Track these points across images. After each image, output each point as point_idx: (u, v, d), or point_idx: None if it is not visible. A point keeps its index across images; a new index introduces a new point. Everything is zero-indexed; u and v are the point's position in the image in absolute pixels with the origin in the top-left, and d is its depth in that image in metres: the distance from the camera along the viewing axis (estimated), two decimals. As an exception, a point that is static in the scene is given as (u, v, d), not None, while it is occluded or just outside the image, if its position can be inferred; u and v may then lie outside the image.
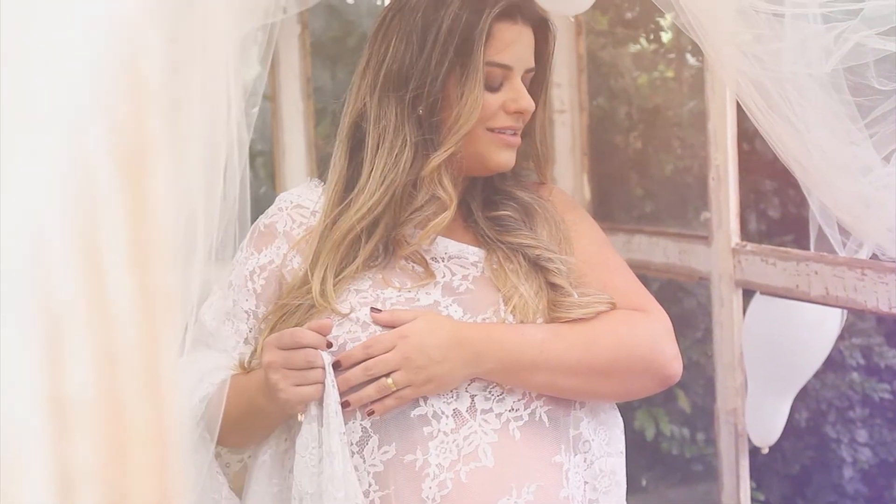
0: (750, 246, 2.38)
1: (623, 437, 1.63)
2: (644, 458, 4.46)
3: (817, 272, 2.11)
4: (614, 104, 4.26)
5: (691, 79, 4.23)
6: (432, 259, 1.57)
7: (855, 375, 4.40)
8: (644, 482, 4.60)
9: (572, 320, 1.53)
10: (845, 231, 1.98)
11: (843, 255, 2.07)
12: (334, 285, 1.52)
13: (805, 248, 2.27)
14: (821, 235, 2.06)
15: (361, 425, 1.49)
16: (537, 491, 1.48)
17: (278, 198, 1.67)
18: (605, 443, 1.59)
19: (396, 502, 1.46)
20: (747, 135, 3.56)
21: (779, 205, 4.40)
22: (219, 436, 1.50)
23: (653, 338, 1.57)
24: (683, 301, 4.39)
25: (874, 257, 1.98)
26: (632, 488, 1.65)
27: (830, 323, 2.57)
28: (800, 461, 4.40)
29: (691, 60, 4.23)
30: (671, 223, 4.12)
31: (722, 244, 2.42)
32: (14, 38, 0.47)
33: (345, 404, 1.46)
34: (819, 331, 2.58)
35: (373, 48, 1.59)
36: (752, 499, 2.65)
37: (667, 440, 4.39)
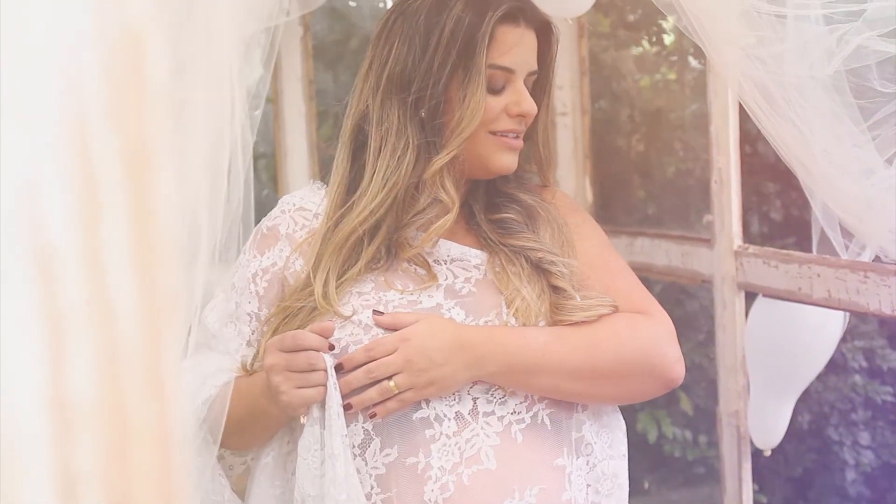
0: (752, 248, 2.38)
1: (625, 439, 1.62)
2: (646, 461, 4.45)
3: (819, 275, 2.11)
4: (616, 107, 4.25)
5: (693, 81, 4.22)
6: (434, 262, 1.57)
7: (857, 378, 4.39)
8: (646, 485, 4.59)
9: (575, 323, 1.53)
10: (848, 233, 1.98)
11: (846, 257, 2.07)
12: (336, 288, 1.52)
13: (807, 250, 2.27)
14: (823, 238, 2.05)
15: (363, 428, 1.49)
16: (539, 494, 1.48)
17: (281, 200, 1.67)
18: (607, 445, 1.59)
19: (398, 505, 1.46)
20: (749, 137, 3.56)
21: (781, 207, 4.39)
22: (221, 438, 1.51)
23: (655, 340, 1.56)
24: (686, 304, 4.39)
25: (877, 260, 1.98)
26: (634, 491, 1.64)
27: (833, 325, 2.57)
28: (802, 464, 4.39)
29: (693, 63, 4.22)
30: (673, 226, 4.11)
31: (724, 247, 2.42)
32: (15, 38, 0.47)
33: (347, 407, 1.46)
34: (821, 333, 2.57)
35: (375, 51, 1.59)
36: (755, 501, 2.64)
37: (669, 442, 4.38)
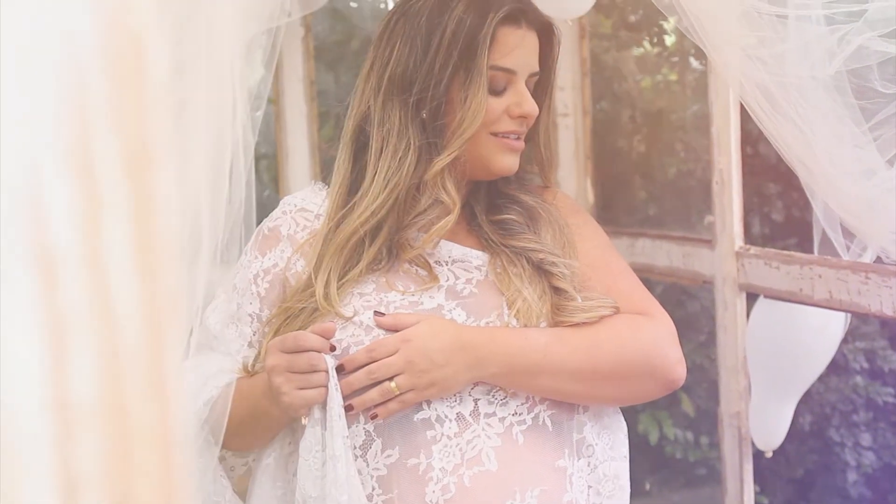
0: (753, 249, 2.38)
1: (627, 440, 1.62)
2: (648, 462, 4.45)
3: (821, 276, 2.11)
4: (618, 108, 4.25)
5: (695, 82, 4.22)
6: (436, 263, 1.57)
7: (859, 379, 4.39)
8: (648, 486, 4.59)
9: (576, 324, 1.53)
10: (849, 234, 1.98)
11: (847, 258, 2.07)
12: (338, 289, 1.52)
13: (809, 251, 2.26)
14: (824, 239, 2.05)
15: (365, 429, 1.49)
16: (541, 495, 1.48)
17: (282, 201, 1.67)
18: (608, 447, 1.59)
19: (400, 506, 1.46)
20: (751, 138, 3.55)
21: (782, 208, 4.39)
22: (223, 439, 1.50)
23: (656, 342, 1.56)
24: (687, 305, 4.39)
25: (878, 261, 1.98)
26: (635, 492, 1.64)
27: (834, 326, 2.56)
28: (803, 465, 4.39)
29: (695, 64, 4.22)
30: (675, 227, 4.11)
31: (725, 248, 2.42)
32: (16, 38, 0.47)
33: (348, 408, 1.46)
34: (823, 334, 2.57)
35: (377, 52, 1.59)
36: (756, 502, 2.64)
37: (670, 444, 4.38)
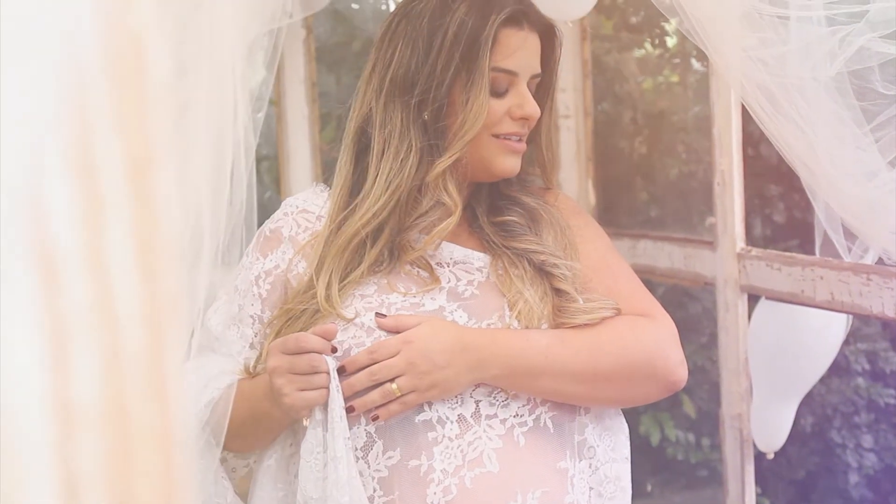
0: (755, 251, 2.38)
1: (628, 442, 1.62)
2: (649, 464, 4.45)
3: (822, 277, 2.11)
4: (619, 109, 4.25)
5: (696, 84, 4.22)
6: (437, 264, 1.57)
7: (860, 381, 4.39)
8: (649, 487, 4.59)
9: (577, 326, 1.53)
10: (851, 236, 1.98)
11: (849, 260, 2.07)
12: (339, 290, 1.52)
13: (810, 253, 2.26)
14: (826, 240, 2.05)
15: (366, 430, 1.49)
16: (542, 497, 1.48)
17: (284, 202, 1.67)
18: (610, 448, 1.59)
19: (401, 507, 1.46)
20: (752, 139, 3.55)
21: (784, 210, 4.39)
22: (224, 440, 1.50)
23: (658, 343, 1.56)
24: (688, 306, 4.39)
25: (879, 262, 1.98)
26: (637, 493, 1.64)
27: (835, 328, 2.56)
28: (805, 466, 4.39)
29: (696, 65, 4.22)
30: (676, 228, 4.11)
31: (727, 249, 2.42)
32: (17, 39, 0.47)
33: (349, 409, 1.46)
34: (824, 336, 2.57)
35: (379, 53, 1.59)
36: (758, 504, 2.64)
37: (672, 445, 4.38)
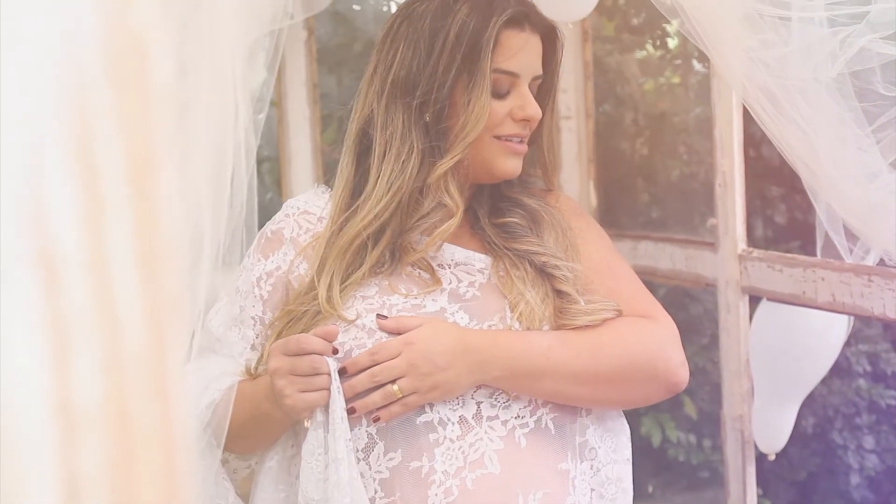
0: (756, 252, 2.38)
1: (629, 443, 1.62)
2: (650, 465, 4.45)
3: (824, 278, 2.11)
4: (620, 110, 4.25)
5: (697, 85, 4.22)
6: (438, 266, 1.57)
7: (861, 382, 4.39)
8: (650, 489, 4.59)
9: (578, 327, 1.53)
10: (852, 237, 1.98)
11: (850, 261, 2.07)
12: (340, 292, 1.52)
13: (812, 254, 2.26)
14: (827, 242, 2.05)
15: (367, 432, 1.49)
16: (544, 498, 1.48)
17: (285, 204, 1.67)
18: (611, 450, 1.59)
19: (402, 509, 1.46)
20: (754, 141, 3.55)
21: (785, 211, 4.39)
22: (225, 442, 1.50)
23: (659, 345, 1.56)
24: (690, 307, 4.39)
25: (881, 263, 1.98)
26: (638, 495, 1.64)
27: (837, 329, 2.56)
28: (806, 468, 4.39)
29: (697, 66, 4.22)
30: (677, 229, 4.11)
31: (728, 250, 2.42)
32: (18, 41, 0.47)
33: (350, 411, 1.46)
34: (825, 337, 2.57)
35: (380, 55, 1.59)
36: (759, 506, 2.64)
37: (673, 447, 4.38)
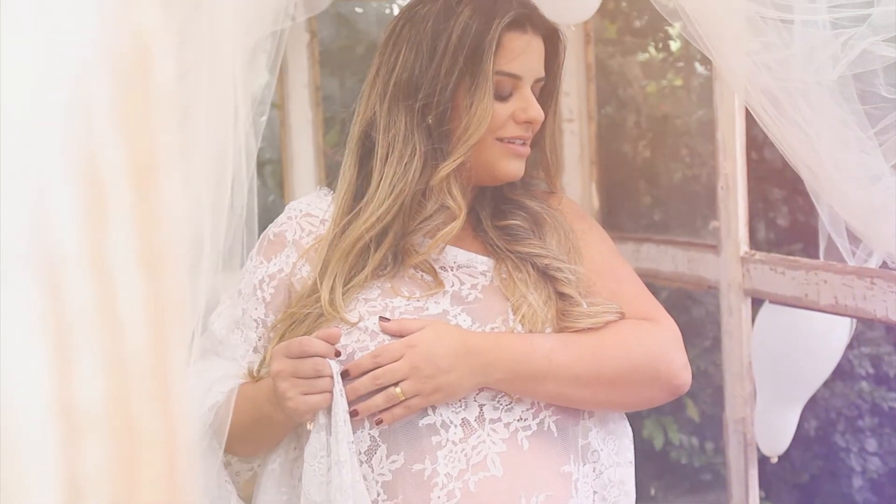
0: (759, 255, 2.38)
1: (632, 446, 1.62)
2: (653, 467, 4.45)
3: (826, 281, 2.10)
4: (623, 113, 4.25)
5: (700, 87, 4.22)
6: (441, 268, 1.57)
7: (864, 384, 4.39)
8: (653, 491, 4.59)
9: (581, 330, 1.53)
10: (855, 240, 1.98)
11: (853, 263, 2.07)
12: (343, 294, 1.52)
13: (814, 256, 2.26)
14: (830, 244, 2.05)
15: (370, 434, 1.49)
16: (546, 501, 1.48)
17: (288, 206, 1.67)
18: (613, 452, 1.59)
19: (405, 511, 1.46)
20: (756, 143, 3.56)
21: (788, 213, 4.39)
22: (228, 444, 1.50)
23: (661, 347, 1.56)
24: (692, 310, 4.39)
25: (884, 266, 1.98)
26: (640, 497, 1.64)
27: (839, 332, 2.56)
28: (809, 470, 4.39)
29: (700, 69, 4.22)
30: (680, 232, 4.11)
31: (731, 253, 2.41)
32: (22, 44, 0.47)
33: (353, 413, 1.46)
34: (828, 340, 2.57)
35: (382, 57, 1.59)
36: (762, 508, 2.64)
37: (675, 449, 4.38)
